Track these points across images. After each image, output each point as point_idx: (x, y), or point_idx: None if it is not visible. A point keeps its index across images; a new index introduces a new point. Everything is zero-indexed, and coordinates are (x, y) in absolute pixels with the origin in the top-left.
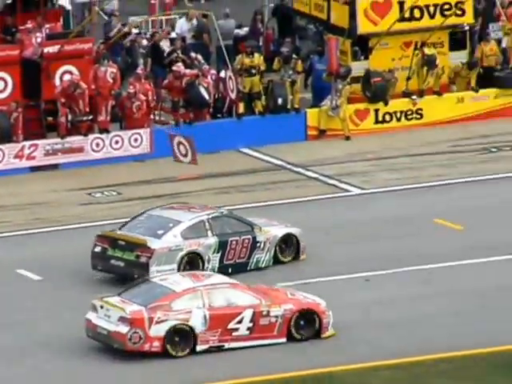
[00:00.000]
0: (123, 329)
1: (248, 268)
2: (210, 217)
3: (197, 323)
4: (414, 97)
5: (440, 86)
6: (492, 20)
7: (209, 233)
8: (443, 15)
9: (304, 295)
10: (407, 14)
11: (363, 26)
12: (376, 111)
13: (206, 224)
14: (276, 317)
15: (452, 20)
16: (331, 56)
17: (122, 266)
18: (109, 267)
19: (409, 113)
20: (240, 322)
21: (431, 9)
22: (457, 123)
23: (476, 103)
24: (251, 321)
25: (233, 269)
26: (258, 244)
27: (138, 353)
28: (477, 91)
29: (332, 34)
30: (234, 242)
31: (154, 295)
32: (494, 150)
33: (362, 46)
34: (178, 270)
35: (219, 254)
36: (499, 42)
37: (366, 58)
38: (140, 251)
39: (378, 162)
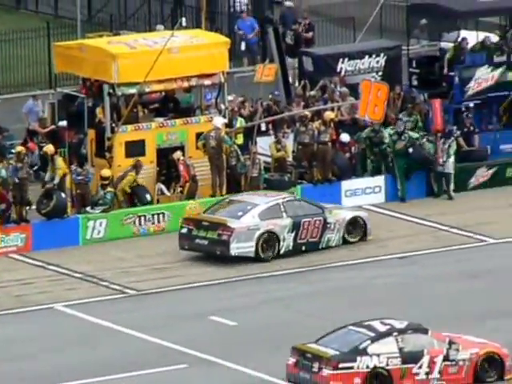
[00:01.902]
0: None
1: (320, 247)
2: (285, 200)
3: None
4: None
5: None
6: None
7: (284, 214)
8: None
9: None
10: None
11: None
12: None
13: (281, 206)
14: None
15: None
16: None
17: (205, 244)
18: (194, 246)
19: None
20: None
21: None
22: None
23: None
24: None
25: (306, 247)
26: (329, 225)
27: None
28: None
29: None
30: (307, 223)
31: None
32: None
33: None
34: (256, 247)
35: (293, 234)
36: None
37: None
38: (221, 230)
39: None
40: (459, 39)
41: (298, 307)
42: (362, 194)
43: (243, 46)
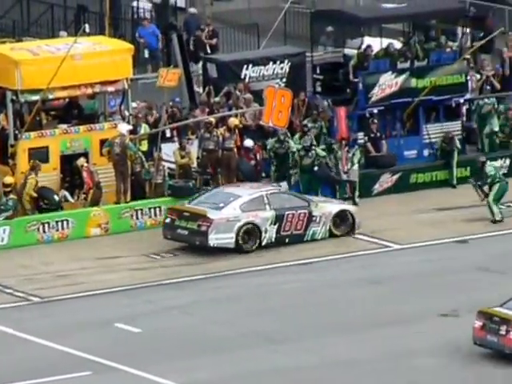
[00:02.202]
0: None
1: (305, 239)
2: (269, 192)
3: None
4: None
5: None
6: None
7: (267, 206)
8: None
9: None
10: None
11: None
12: None
13: (265, 198)
14: None
15: None
16: None
17: (186, 234)
18: (176, 236)
19: None
20: None
21: None
22: None
23: None
24: None
25: (290, 239)
26: (314, 218)
27: None
28: None
29: None
30: (291, 215)
31: None
32: None
33: None
34: (236, 238)
35: (276, 226)
36: None
37: None
38: (201, 221)
39: None
40: (363, 46)
41: (201, 314)
42: None
43: (147, 53)
